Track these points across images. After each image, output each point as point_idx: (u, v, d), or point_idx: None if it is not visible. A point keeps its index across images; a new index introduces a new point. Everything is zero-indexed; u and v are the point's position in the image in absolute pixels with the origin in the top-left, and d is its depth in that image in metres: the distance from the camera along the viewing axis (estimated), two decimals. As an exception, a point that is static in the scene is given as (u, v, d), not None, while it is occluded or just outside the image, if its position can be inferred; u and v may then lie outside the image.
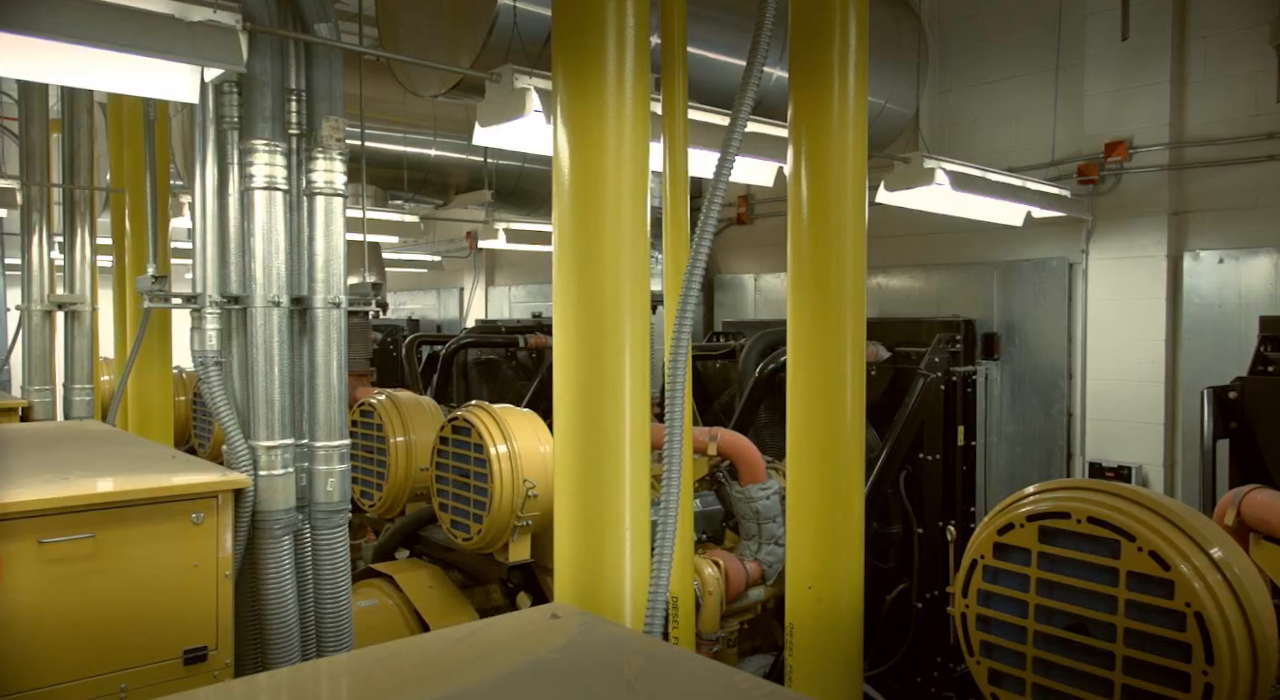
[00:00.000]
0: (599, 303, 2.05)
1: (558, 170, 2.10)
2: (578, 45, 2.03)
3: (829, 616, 2.54)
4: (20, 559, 2.58)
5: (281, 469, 3.15)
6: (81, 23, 2.17)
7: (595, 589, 2.03)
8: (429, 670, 1.38)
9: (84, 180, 5.72)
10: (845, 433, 2.55)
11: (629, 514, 2.06)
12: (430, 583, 4.59)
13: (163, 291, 3.07)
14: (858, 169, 2.57)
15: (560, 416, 2.11)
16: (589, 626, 1.58)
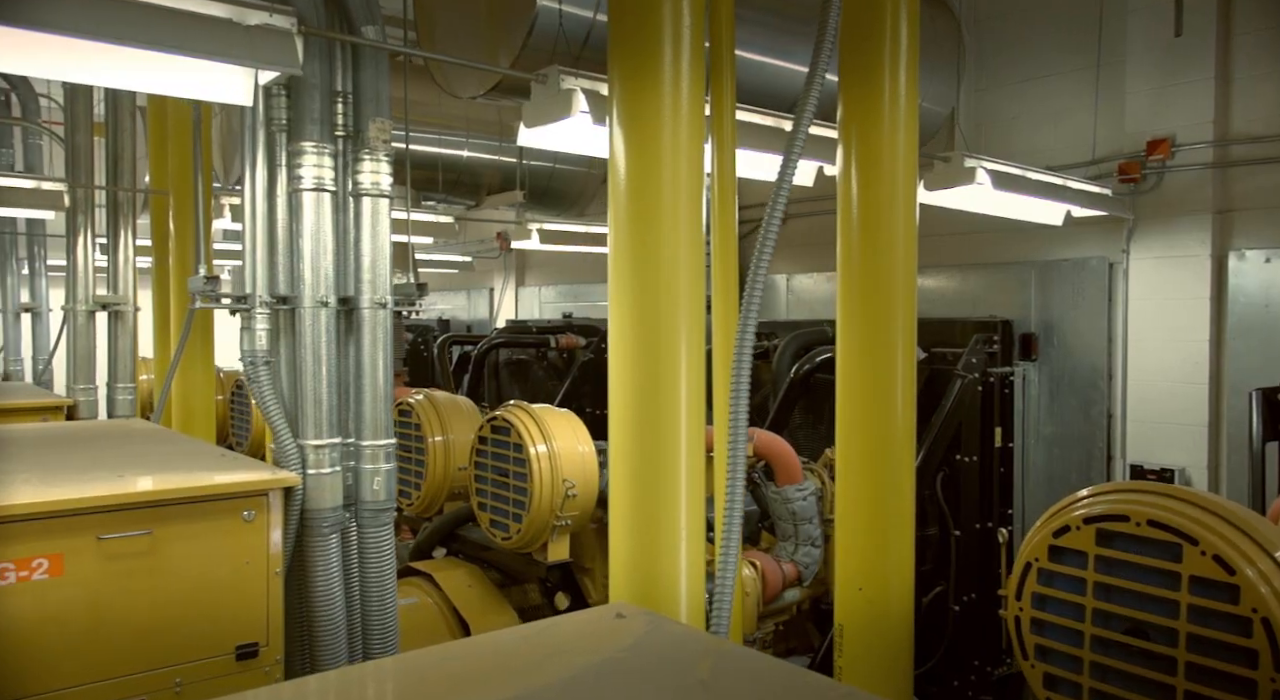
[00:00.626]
0: (655, 303, 2.06)
1: (614, 171, 2.10)
2: (634, 47, 2.04)
3: (879, 618, 2.53)
4: (80, 554, 2.62)
5: (329, 468, 3.19)
6: (145, 28, 2.20)
7: (651, 588, 2.03)
8: (502, 669, 1.38)
9: (127, 182, 5.81)
10: (896, 434, 2.54)
11: (684, 514, 2.07)
12: (469, 582, 4.62)
13: (214, 292, 3.11)
14: (908, 169, 2.55)
15: (616, 416, 2.12)
16: (655, 626, 1.59)
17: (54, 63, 2.34)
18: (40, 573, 2.56)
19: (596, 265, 9.73)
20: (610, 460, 2.12)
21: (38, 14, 2.07)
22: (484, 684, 1.33)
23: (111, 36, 2.16)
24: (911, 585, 2.60)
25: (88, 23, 2.13)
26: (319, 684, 1.48)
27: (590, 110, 2.92)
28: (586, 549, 4.69)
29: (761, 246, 1.90)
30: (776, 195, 1.91)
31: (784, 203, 1.96)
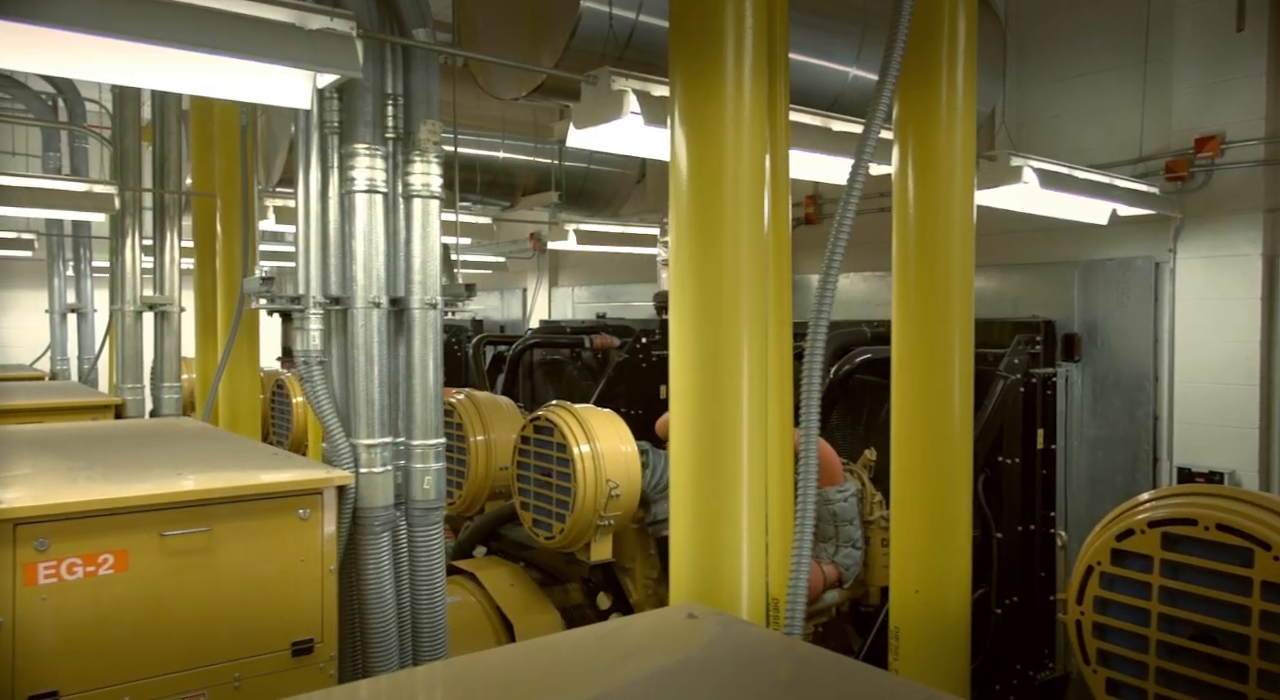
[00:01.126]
0: (716, 303, 2.06)
1: (675, 171, 2.10)
2: (696, 49, 2.04)
3: (935, 620, 2.51)
4: (143, 550, 2.67)
5: (381, 466, 3.22)
6: (213, 33, 2.24)
7: (712, 588, 2.03)
8: (582, 668, 1.39)
9: (173, 185, 5.90)
10: (953, 435, 2.52)
11: (746, 514, 2.06)
12: (511, 580, 4.64)
13: (269, 293, 3.15)
14: (966, 170, 2.53)
15: (677, 418, 2.12)
16: (727, 626, 1.58)
17: (122, 67, 2.39)
18: (106, 568, 2.61)
19: (630, 265, 9.75)
20: (671, 461, 2.12)
21: (112, 20, 2.11)
22: (566, 684, 1.34)
23: (181, 42, 2.19)
24: (968, 588, 2.58)
25: (159, 28, 2.17)
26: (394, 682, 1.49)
27: (642, 111, 2.93)
28: (627, 549, 4.70)
29: (833, 248, 1.89)
30: (848, 197, 1.91)
31: (855, 205, 1.95)
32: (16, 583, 2.48)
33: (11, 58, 2.28)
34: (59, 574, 2.54)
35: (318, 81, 2.59)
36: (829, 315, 1.89)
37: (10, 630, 2.47)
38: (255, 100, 2.74)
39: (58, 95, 8.43)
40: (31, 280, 11.46)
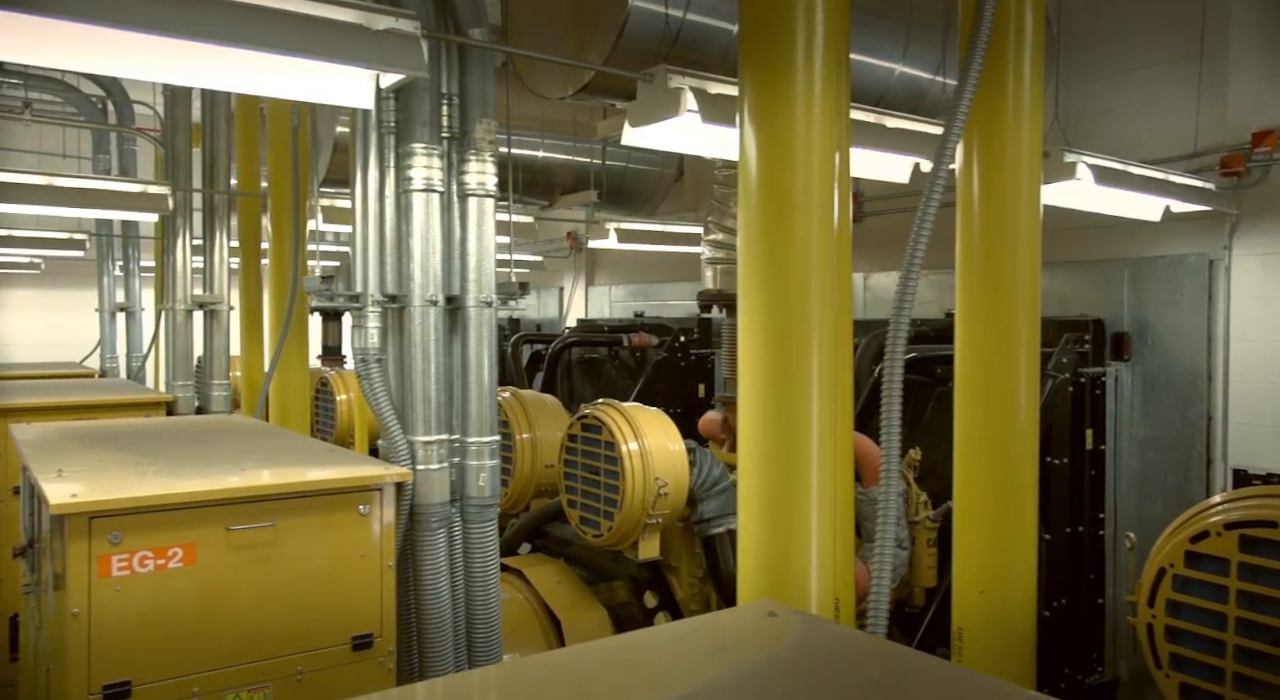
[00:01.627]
0: (786, 301, 2.05)
1: (744, 170, 2.10)
2: (767, 45, 2.03)
3: (1001, 621, 2.48)
4: (211, 544, 2.72)
5: (437, 463, 3.25)
6: (282, 34, 2.27)
7: (782, 586, 2.03)
8: (670, 666, 1.39)
9: (222, 185, 5.99)
10: (1019, 433, 2.49)
11: (815, 514, 2.05)
12: (558, 578, 4.66)
13: (329, 291, 3.19)
14: (1033, 167, 2.50)
15: (746, 417, 2.11)
16: (810, 625, 1.58)
17: (191, 68, 2.42)
18: (175, 561, 2.66)
19: (667, 264, 9.73)
20: (740, 460, 2.12)
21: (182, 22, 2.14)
22: (659, 681, 1.34)
23: (252, 43, 2.23)
24: (1034, 588, 2.55)
25: (231, 30, 2.20)
26: (480, 679, 1.50)
27: (699, 108, 2.92)
28: (673, 547, 4.70)
29: (914, 249, 1.88)
30: (929, 198, 1.89)
31: (935, 205, 1.93)
32: (91, 574, 2.53)
33: (80, 59, 2.31)
34: (131, 566, 2.59)
35: (382, 81, 2.61)
36: (910, 315, 1.87)
37: (86, 620, 2.52)
38: (318, 100, 2.78)
39: (107, 98, 8.59)
40: (79, 280, 11.70)
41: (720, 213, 5.44)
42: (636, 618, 4.74)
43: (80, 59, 2.29)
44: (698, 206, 9.29)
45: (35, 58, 2.24)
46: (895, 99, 5.42)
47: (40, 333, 11.73)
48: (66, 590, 2.52)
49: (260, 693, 2.80)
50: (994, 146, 2.48)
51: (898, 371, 1.85)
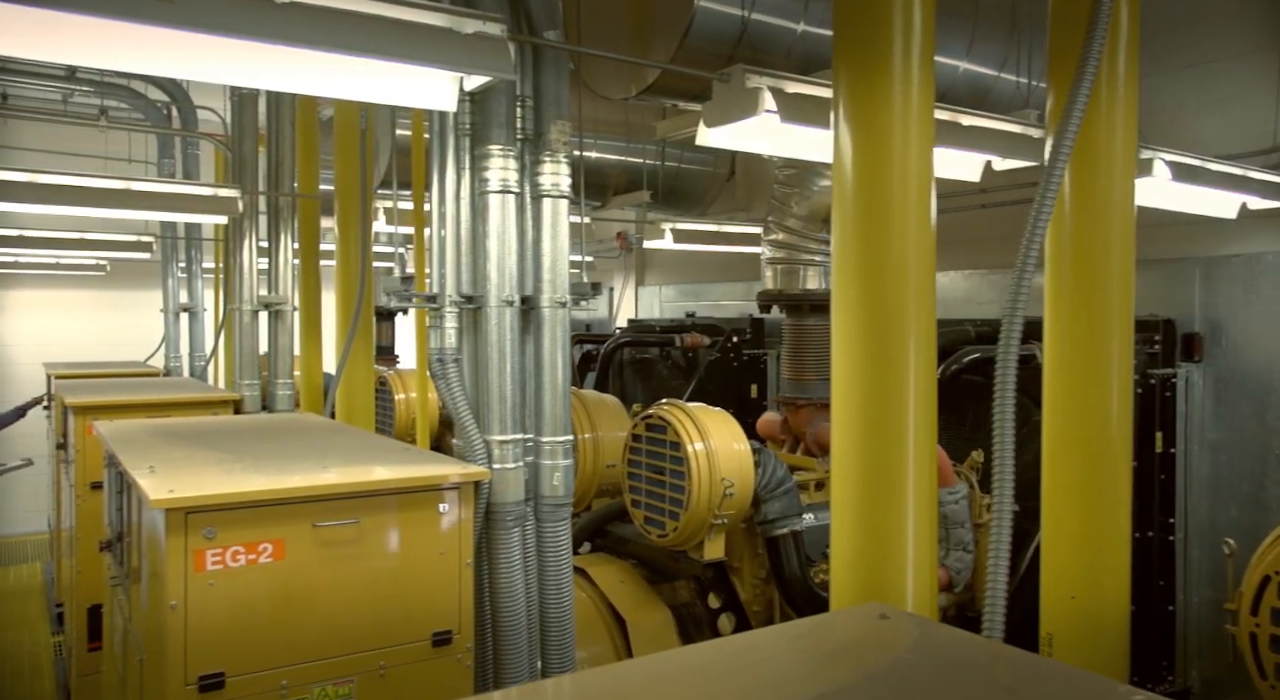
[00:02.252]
0: (883, 303, 2.03)
1: (840, 171, 2.09)
2: (865, 44, 2.02)
3: (1093, 627, 2.44)
4: (298, 540, 2.77)
5: (513, 462, 3.27)
6: (374, 38, 2.31)
7: (879, 587, 2.01)
8: (791, 668, 1.38)
9: (286, 188, 6.11)
10: (1111, 433, 2.45)
11: (912, 512, 2.04)
12: (622, 577, 4.67)
13: (408, 292, 3.24)
14: (1127, 163, 2.45)
15: (841, 416, 2.10)
16: (926, 628, 1.56)
17: (284, 74, 2.47)
18: (265, 556, 2.72)
19: (718, 264, 9.71)
20: (834, 462, 2.11)
21: (282, 28, 2.19)
22: (785, 684, 1.33)
23: (347, 48, 2.27)
24: (1128, 593, 2.50)
25: (327, 35, 2.25)
26: (591, 680, 1.51)
27: (778, 108, 2.91)
28: (735, 548, 4.69)
29: (1027, 250, 1.85)
30: (1042, 199, 1.86)
31: (1050, 207, 1.90)
32: (188, 568, 2.60)
33: (179, 66, 2.37)
34: (224, 561, 2.66)
35: (467, 84, 2.64)
36: (1022, 317, 1.85)
37: (183, 613, 2.59)
38: (402, 103, 2.81)
39: (171, 103, 8.81)
40: (140, 281, 12.01)
41: (781, 212, 5.42)
42: (700, 618, 4.74)
43: (178, 65, 2.35)
44: (750, 206, 9.26)
45: (139, 66, 2.30)
46: (958, 96, 5.35)
47: (103, 332, 12.06)
48: (164, 583, 2.58)
49: (345, 686, 2.85)
50: (1086, 144, 2.43)
51: (1011, 374, 1.82)
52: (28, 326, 11.77)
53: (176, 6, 2.00)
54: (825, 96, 3.06)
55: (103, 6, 1.92)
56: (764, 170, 9.08)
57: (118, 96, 8.26)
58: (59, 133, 10.09)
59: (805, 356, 5.57)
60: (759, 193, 9.13)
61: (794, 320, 5.56)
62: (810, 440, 5.53)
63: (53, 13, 1.91)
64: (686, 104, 5.10)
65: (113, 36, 2.07)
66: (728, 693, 1.33)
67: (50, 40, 2.07)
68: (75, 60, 2.19)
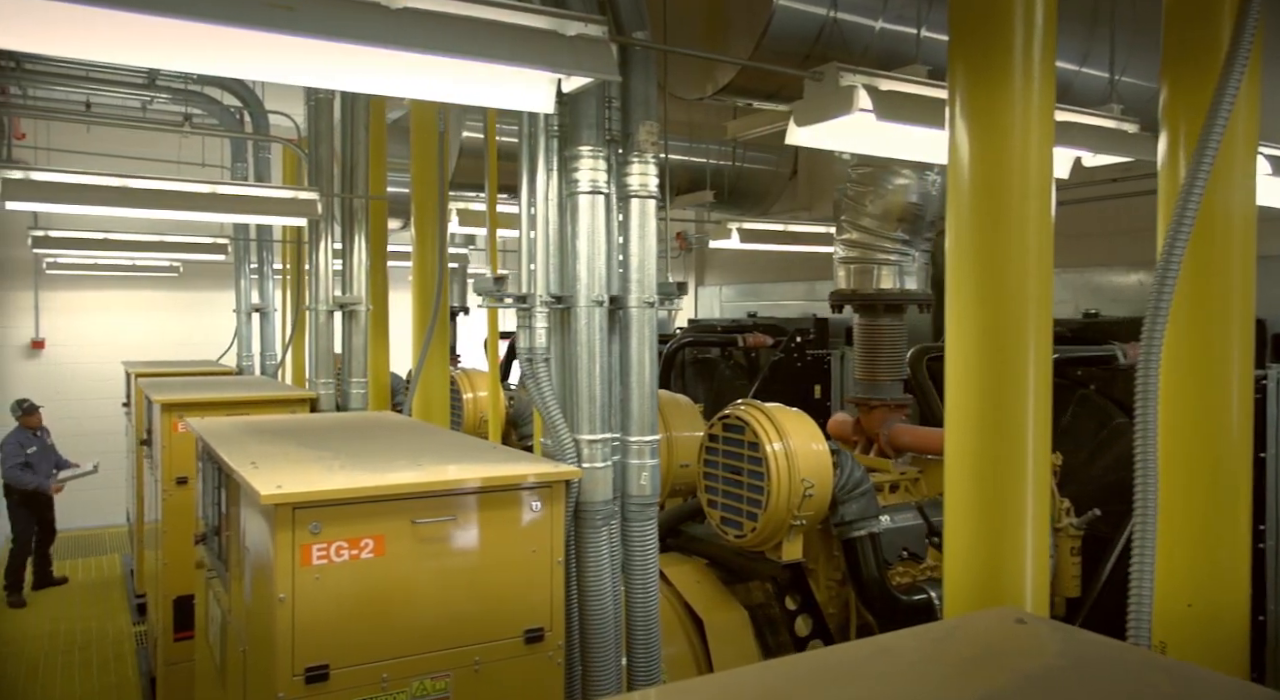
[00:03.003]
0: (1001, 301, 2.00)
1: (955, 169, 2.06)
2: (984, 41, 1.99)
3: (1210, 636, 2.36)
4: (398, 537, 2.82)
5: (602, 462, 3.29)
6: (479, 41, 2.34)
7: (995, 590, 1.98)
8: (943, 672, 1.36)
9: (360, 190, 6.22)
10: (1231, 435, 2.37)
11: (1030, 518, 2.00)
12: (697, 577, 4.66)
13: (499, 292, 3.27)
14: (1247, 160, 2.38)
15: (957, 418, 2.07)
16: (1067, 633, 1.53)
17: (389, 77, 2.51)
18: (367, 552, 2.77)
19: (780, 264, 9.65)
20: (948, 459, 2.08)
21: (389, 32, 2.23)
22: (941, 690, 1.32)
23: (453, 51, 2.30)
24: (1247, 601, 2.42)
25: (435, 40, 2.28)
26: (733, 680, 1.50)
27: (874, 106, 2.88)
28: (810, 550, 4.65)
29: (1170, 249, 1.81)
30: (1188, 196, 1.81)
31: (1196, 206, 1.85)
32: (295, 562, 2.66)
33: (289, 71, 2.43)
34: (329, 556, 2.71)
35: (567, 86, 2.66)
36: (1166, 316, 1.80)
37: (290, 606, 2.65)
38: (499, 106, 2.85)
39: (243, 108, 9.04)
40: (211, 282, 12.34)
41: (855, 211, 5.37)
42: (775, 619, 4.71)
43: (292, 71, 2.41)
44: (812, 205, 9.19)
45: (257, 72, 2.37)
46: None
47: (175, 332, 12.43)
48: (273, 577, 2.65)
49: (442, 681, 2.89)
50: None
51: (1154, 374, 1.78)
52: (107, 325, 12.19)
53: (298, 14, 2.05)
54: (921, 94, 3.03)
55: (230, 15, 1.97)
56: (827, 169, 9.01)
57: (194, 102, 8.50)
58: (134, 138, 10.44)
59: (879, 357, 5.51)
60: (822, 192, 9.06)
61: (867, 320, 5.50)
62: (884, 441, 5.47)
63: (185, 23, 1.97)
64: (761, 103, 5.09)
65: (235, 43, 2.13)
66: (885, 696, 1.32)
67: (176, 49, 2.14)
68: (201, 68, 2.26)
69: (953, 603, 2.11)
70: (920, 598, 4.63)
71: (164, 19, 1.92)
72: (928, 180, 5.28)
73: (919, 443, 5.33)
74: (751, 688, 1.36)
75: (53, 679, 7.04)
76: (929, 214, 5.34)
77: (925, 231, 5.37)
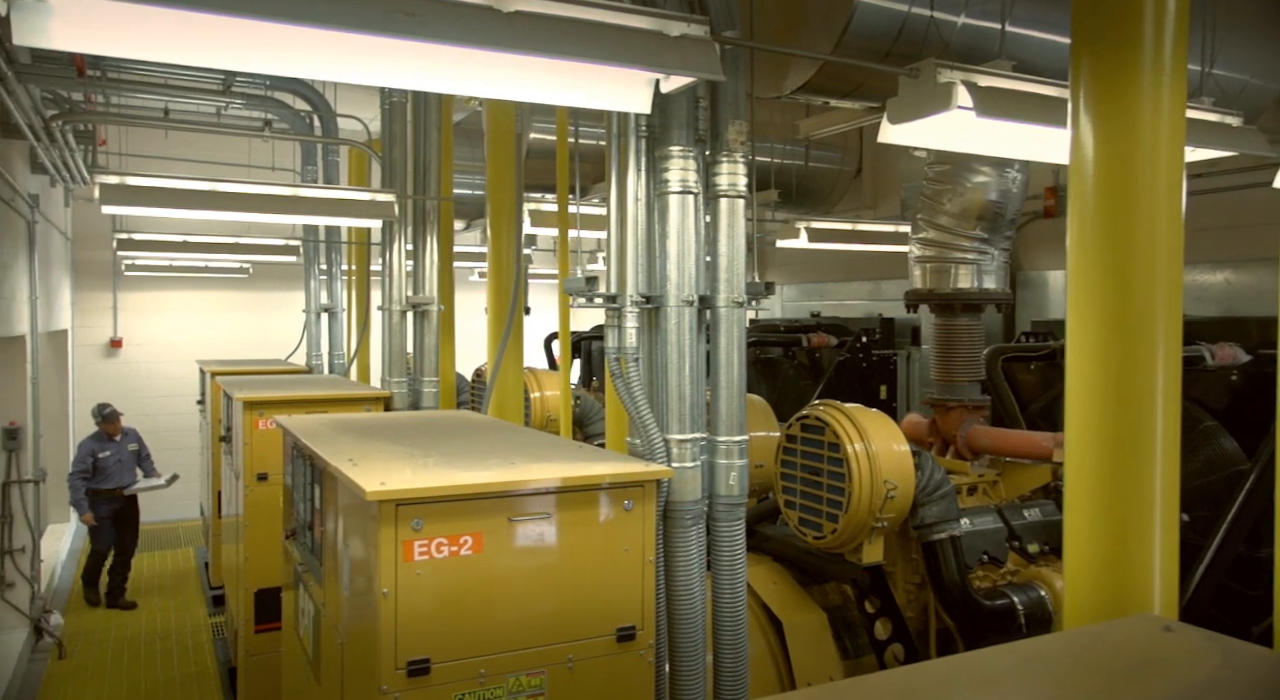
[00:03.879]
0: (1128, 300, 1.95)
1: (1079, 167, 2.01)
2: (1113, 35, 1.94)
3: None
4: (496, 534, 2.85)
5: (691, 461, 3.29)
6: (593, 43, 2.36)
7: (1120, 594, 1.93)
8: (1099, 680, 1.33)
9: (433, 192, 6.30)
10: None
11: (1159, 524, 1.95)
12: (774, 578, 4.64)
13: (592, 292, 3.29)
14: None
15: (1080, 420, 2.03)
16: (1222, 643, 1.48)
17: (496, 80, 2.55)
18: (466, 549, 2.81)
19: (844, 263, 9.56)
20: (1069, 459, 2.04)
21: (504, 36, 2.25)
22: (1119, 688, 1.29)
23: (568, 54, 2.32)
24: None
25: (548, 42, 2.30)
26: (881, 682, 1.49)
27: (974, 103, 2.83)
28: (888, 552, 4.60)
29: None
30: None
31: None
32: (398, 558, 2.71)
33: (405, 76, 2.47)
34: (430, 552, 2.76)
35: (667, 86, 2.66)
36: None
37: (394, 601, 2.70)
38: (597, 106, 2.86)
39: (313, 112, 9.22)
40: (278, 283, 12.63)
41: (932, 209, 5.29)
42: (853, 622, 4.67)
43: (409, 76, 2.45)
44: (876, 203, 9.09)
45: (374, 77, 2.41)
46: None
47: (244, 331, 12.75)
48: (376, 572, 2.70)
49: (537, 677, 2.91)
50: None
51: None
52: (179, 325, 12.56)
53: (419, 19, 2.09)
54: (1021, 90, 2.98)
55: (358, 22, 2.01)
56: (893, 167, 8.90)
57: (267, 108, 8.70)
58: (206, 143, 10.74)
59: (956, 357, 5.42)
60: (887, 190, 8.95)
61: (944, 320, 5.42)
62: (961, 443, 5.38)
63: (314, 30, 2.02)
64: (837, 102, 5.04)
65: (357, 50, 2.17)
66: None
67: (299, 54, 2.19)
68: (322, 75, 2.32)
69: (1073, 608, 2.06)
70: (1003, 602, 4.55)
71: (297, 27, 1.97)
72: (1008, 177, 5.18)
73: (998, 445, 5.23)
74: (901, 691, 1.35)
75: (136, 667, 7.27)
76: (1009, 212, 5.24)
77: (1005, 229, 5.26)
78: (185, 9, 1.86)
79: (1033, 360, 6.43)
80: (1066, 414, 2.09)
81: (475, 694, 2.83)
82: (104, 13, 2.03)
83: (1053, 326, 7.02)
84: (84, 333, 12.12)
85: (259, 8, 1.92)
